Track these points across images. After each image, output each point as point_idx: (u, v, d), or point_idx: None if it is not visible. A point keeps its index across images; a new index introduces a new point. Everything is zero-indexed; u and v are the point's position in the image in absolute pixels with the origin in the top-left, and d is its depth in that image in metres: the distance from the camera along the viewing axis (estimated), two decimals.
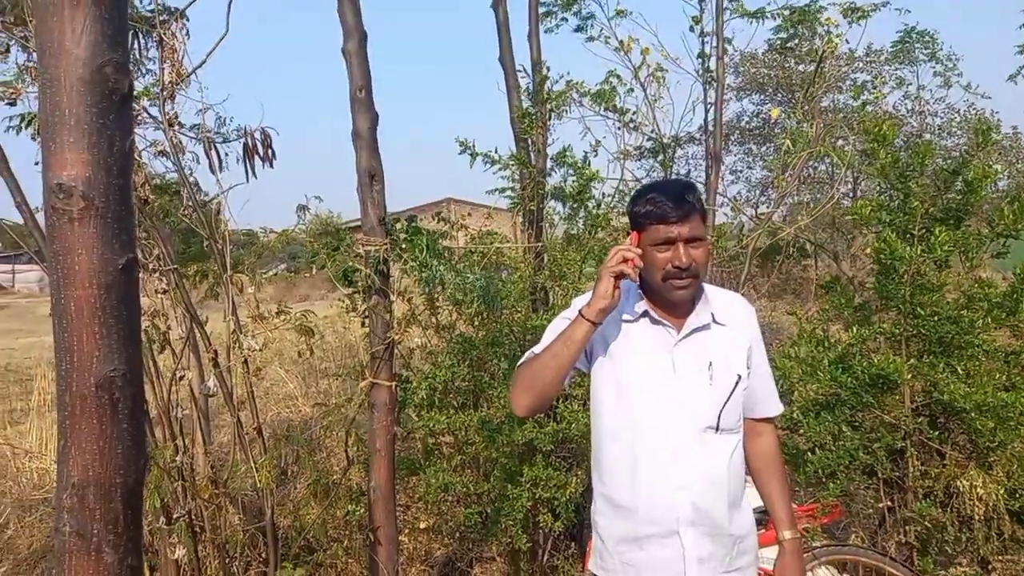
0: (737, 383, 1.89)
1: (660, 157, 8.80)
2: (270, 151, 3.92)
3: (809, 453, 3.83)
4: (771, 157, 12.13)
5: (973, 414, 3.29)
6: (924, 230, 3.60)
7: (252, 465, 3.37)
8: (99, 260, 1.05)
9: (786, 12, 6.86)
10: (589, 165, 4.12)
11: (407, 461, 3.99)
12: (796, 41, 7.62)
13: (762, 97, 12.70)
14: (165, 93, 3.47)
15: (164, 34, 3.54)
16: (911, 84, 12.97)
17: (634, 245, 1.81)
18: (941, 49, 12.61)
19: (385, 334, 3.32)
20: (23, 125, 3.25)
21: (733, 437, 1.91)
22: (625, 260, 1.76)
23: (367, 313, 3.50)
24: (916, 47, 13.20)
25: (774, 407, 2.06)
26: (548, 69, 4.43)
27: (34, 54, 3.82)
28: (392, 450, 3.43)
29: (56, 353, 1.07)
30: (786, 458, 3.95)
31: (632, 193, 2.01)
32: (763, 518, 3.79)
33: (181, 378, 3.30)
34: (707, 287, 1.95)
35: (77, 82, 1.02)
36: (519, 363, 1.98)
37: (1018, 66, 11.37)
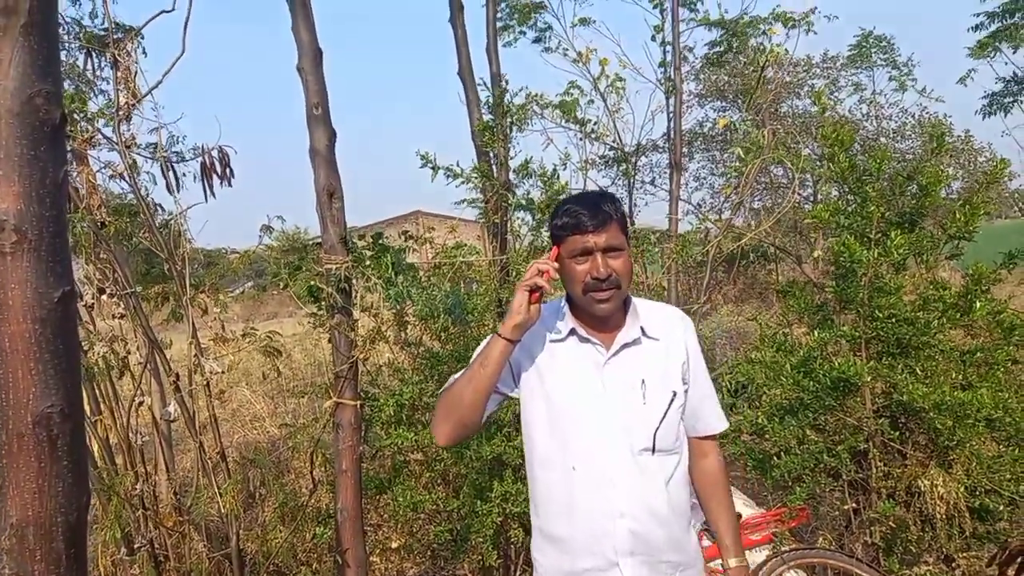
0: (672, 400, 1.81)
1: (623, 166, 8.89)
2: (228, 169, 3.87)
3: (775, 458, 3.87)
4: (730, 164, 12.34)
5: (932, 414, 3.35)
6: (880, 234, 3.67)
7: (216, 491, 3.31)
8: (33, 294, 1.02)
9: (722, 25, 7.01)
10: (558, 177, 4.14)
11: (375, 480, 3.95)
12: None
13: (723, 104, 12.89)
14: (120, 114, 3.42)
15: (119, 54, 3.50)
16: (867, 89, 13.28)
17: (553, 259, 1.76)
18: (899, 54, 12.92)
19: (349, 353, 3.29)
20: None
21: (672, 458, 1.83)
22: (540, 273, 1.70)
23: (331, 332, 3.47)
24: (873, 52, 13.49)
25: (717, 423, 1.97)
26: (507, 83, 4.45)
27: None
28: (358, 470, 3.39)
29: None
30: (753, 463, 4.00)
31: (553, 209, 1.93)
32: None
33: (140, 404, 3.24)
34: (638, 301, 1.90)
35: (6, 114, 0.99)
36: (442, 389, 1.89)
37: (968, 68, 11.69)
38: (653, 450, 1.78)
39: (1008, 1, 10.98)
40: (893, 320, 3.58)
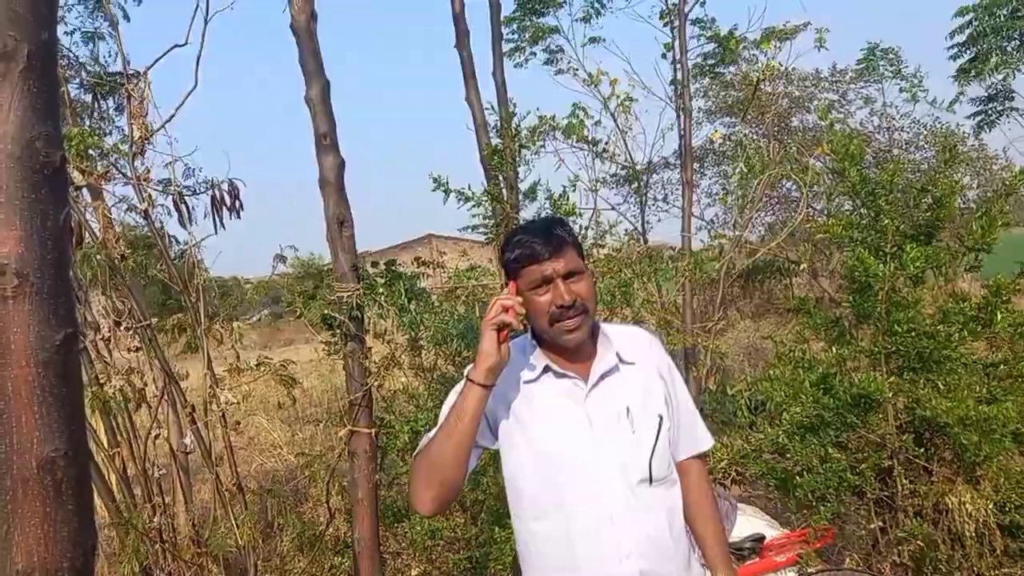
0: (660, 425, 1.72)
1: (634, 184, 8.89)
2: (237, 202, 3.91)
3: (798, 477, 3.80)
4: (734, 176, 12.31)
5: (956, 429, 3.28)
6: (896, 247, 3.62)
7: (234, 522, 3.30)
8: (35, 338, 1.01)
9: (756, 36, 7.01)
10: (568, 199, 4.13)
11: (392, 508, 3.92)
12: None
13: (732, 120, 12.89)
14: (134, 149, 3.46)
15: (132, 90, 3.55)
16: (877, 101, 13.21)
17: (513, 294, 1.65)
18: (906, 66, 12.86)
19: (363, 380, 3.28)
20: None
21: (670, 486, 1.75)
22: (505, 309, 1.59)
23: (344, 359, 3.47)
24: (881, 64, 13.45)
25: (704, 441, 1.88)
26: (515, 106, 4.46)
27: None
28: (375, 499, 3.37)
29: None
30: (776, 482, 3.94)
31: (503, 243, 1.82)
32: (756, 546, 3.76)
33: (156, 436, 3.24)
34: (605, 326, 1.81)
35: (6, 158, 1.00)
36: (415, 452, 1.74)
37: (956, 93, 11.63)
38: (650, 480, 1.68)
39: (972, 29, 11.03)
40: (913, 334, 3.52)
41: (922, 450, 3.56)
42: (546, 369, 1.73)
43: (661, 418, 1.73)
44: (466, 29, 4.56)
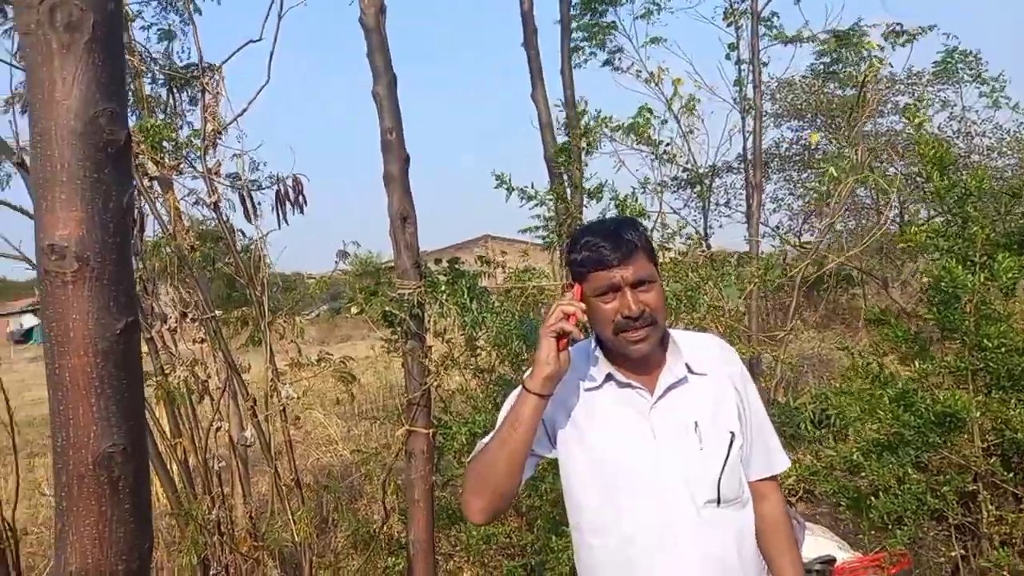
0: (732, 442, 1.61)
1: (696, 188, 8.68)
2: (301, 197, 3.92)
3: (872, 497, 3.60)
4: (812, 183, 11.92)
5: None
6: (985, 256, 3.40)
7: (291, 517, 3.28)
8: (95, 325, 0.96)
9: (824, 35, 6.76)
10: (636, 199, 4.01)
11: (448, 510, 3.87)
12: (840, 65, 7.48)
13: (800, 123, 12.52)
14: (206, 143, 3.49)
15: (207, 84, 3.57)
16: (955, 105, 12.66)
17: (577, 299, 1.57)
18: (986, 69, 12.28)
19: (422, 379, 3.23)
20: None
21: (740, 508, 1.63)
22: (566, 316, 1.51)
23: (403, 357, 3.42)
24: (959, 67, 12.89)
25: (779, 463, 1.75)
26: (586, 103, 4.36)
27: None
28: (431, 501, 3.31)
29: (52, 429, 0.98)
30: (848, 502, 3.74)
31: (569, 242, 1.74)
32: (826, 569, 3.57)
33: (219, 428, 3.25)
34: (675, 333, 1.70)
35: (69, 135, 0.95)
36: (469, 459, 1.70)
37: None
38: (719, 501, 1.57)
39: None
40: (1004, 350, 3.29)
41: (1011, 475, 3.33)
42: (608, 377, 1.64)
43: (733, 435, 1.62)
44: (534, 27, 4.50)
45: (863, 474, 3.68)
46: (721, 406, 1.64)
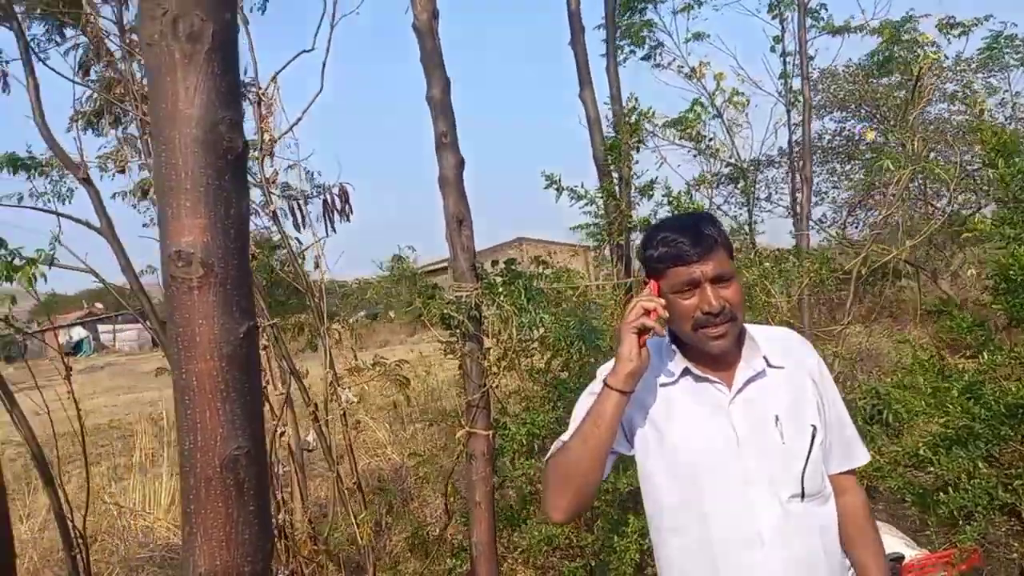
0: (814, 436, 1.58)
1: (740, 184, 8.56)
2: (347, 206, 3.97)
3: (941, 493, 3.52)
4: (859, 174, 11.69)
5: None
6: None
7: (353, 521, 3.31)
8: (220, 330, 0.98)
9: (875, 24, 6.63)
10: (691, 197, 3.97)
11: (505, 512, 3.86)
12: (893, 63, 7.34)
13: (844, 114, 12.29)
14: (264, 152, 3.54)
15: (262, 94, 3.63)
16: (1005, 91, 12.31)
17: (653, 294, 1.56)
18: None
19: (481, 380, 3.23)
20: (136, 193, 3.37)
21: (823, 502, 1.60)
22: (647, 312, 1.51)
23: (461, 359, 3.43)
24: (1006, 52, 12.54)
25: (860, 456, 1.72)
26: (637, 100, 4.33)
27: (136, 123, 4.00)
28: (492, 502, 3.31)
29: (179, 433, 1.00)
30: (913, 498, 3.66)
31: (643, 237, 1.71)
32: (895, 567, 3.49)
33: (282, 434, 3.29)
34: (751, 327, 1.67)
35: (192, 143, 0.97)
36: (547, 457, 1.68)
37: None
38: (802, 496, 1.54)
39: None
40: None
41: None
42: (685, 372, 1.63)
43: (814, 428, 1.59)
44: (581, 26, 4.47)
45: (929, 469, 3.59)
46: (800, 399, 1.62)
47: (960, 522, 3.44)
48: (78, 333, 34.58)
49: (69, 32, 5.06)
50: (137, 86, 3.95)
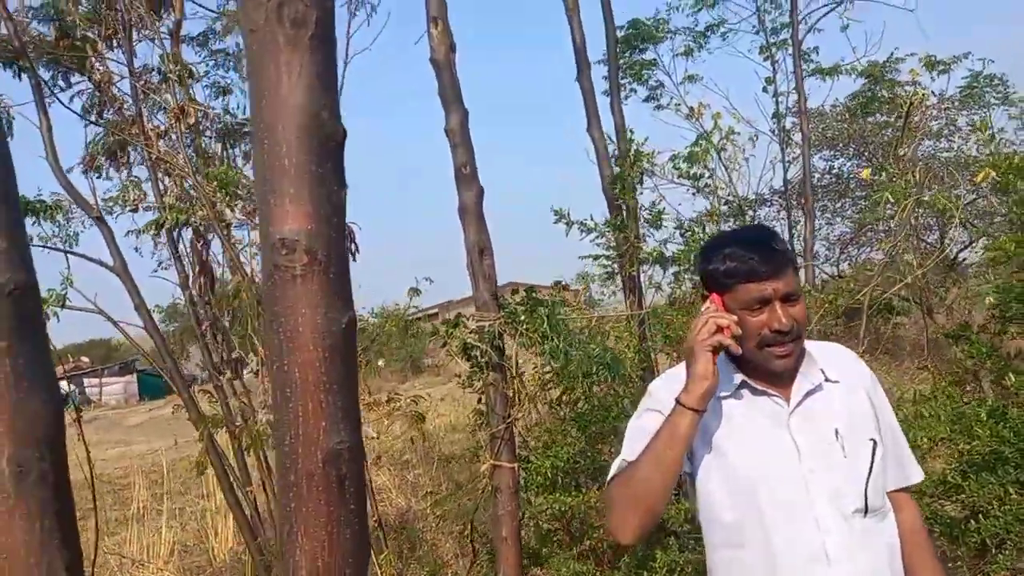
0: (875, 450, 1.55)
1: (738, 221, 8.62)
2: (353, 244, 3.97)
3: (971, 521, 3.46)
4: (852, 211, 11.85)
5: None
6: None
7: (375, 561, 3.22)
8: (323, 319, 0.95)
9: (861, 66, 6.81)
10: (704, 229, 4.01)
11: (527, 549, 3.77)
12: (876, 104, 7.53)
13: (833, 152, 12.53)
14: None
15: None
16: (990, 129, 12.58)
17: (720, 310, 1.52)
18: (1014, 91, 12.23)
19: (505, 412, 3.19)
20: (149, 229, 3.36)
21: (883, 518, 1.56)
22: (719, 329, 1.47)
23: (483, 391, 3.39)
24: (986, 91, 12.87)
25: (916, 473, 1.68)
26: (633, 132, 4.41)
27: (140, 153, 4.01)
28: (519, 538, 3.24)
29: (277, 428, 0.96)
30: (941, 528, 3.60)
31: (701, 247, 1.70)
32: None
33: None
34: (806, 343, 1.62)
35: (296, 129, 0.96)
36: (609, 476, 1.64)
37: None
38: (866, 511, 1.50)
39: None
40: None
41: None
42: (743, 385, 1.59)
43: (875, 442, 1.55)
44: (588, 62, 4.56)
45: (956, 497, 3.55)
46: (858, 413, 1.58)
47: (992, 551, 3.38)
48: (63, 387, 34.09)
49: (74, 78, 5.11)
50: (151, 126, 3.97)
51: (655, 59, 6.66)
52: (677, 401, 1.51)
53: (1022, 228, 3.65)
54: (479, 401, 3.53)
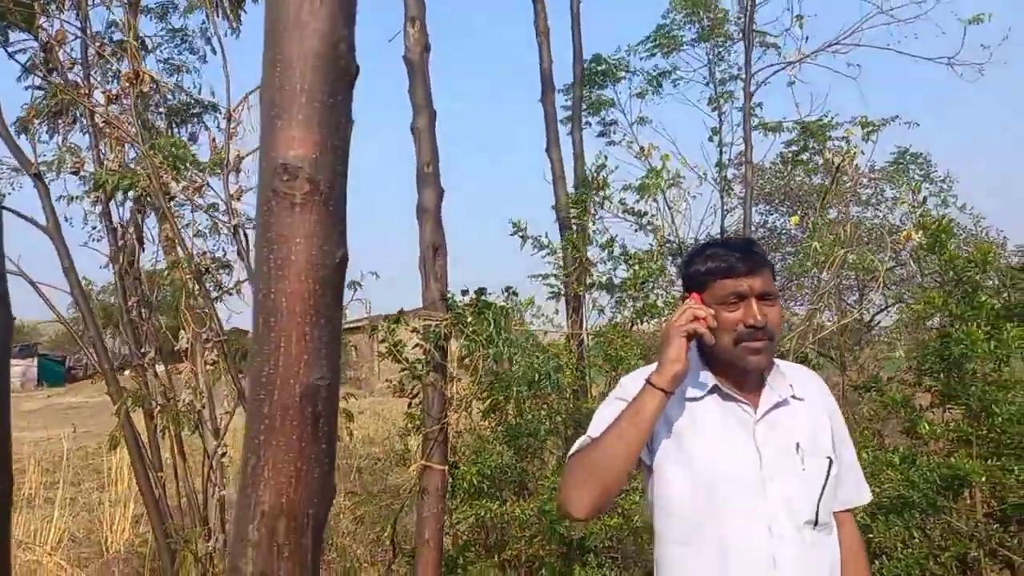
0: (830, 467, 1.60)
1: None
2: None
3: (875, 562, 3.60)
4: (785, 265, 12.29)
5: None
6: (990, 327, 3.54)
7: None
8: (318, 251, 0.92)
9: (799, 127, 7.15)
10: (655, 260, 4.11)
11: (445, 555, 3.72)
12: (807, 155, 7.89)
13: (768, 207, 13.00)
14: (229, 169, 3.47)
15: (233, 113, 3.58)
16: (908, 203, 13.28)
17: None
18: (935, 170, 13.01)
19: (442, 413, 3.16)
20: (97, 191, 3.22)
21: (829, 533, 1.60)
22: (696, 318, 1.53)
23: (417, 393, 3.35)
24: (911, 168, 13.62)
25: (865, 493, 1.76)
26: (607, 158, 4.50)
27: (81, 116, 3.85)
28: (441, 541, 3.19)
29: (255, 357, 0.92)
30: None
31: (687, 255, 1.76)
32: None
33: (224, 454, 3.10)
34: (777, 360, 1.71)
35: (313, 56, 0.94)
36: (570, 453, 1.66)
37: None
38: (815, 523, 1.55)
39: None
40: (1012, 419, 3.39)
41: (1015, 541, 3.38)
42: (714, 389, 1.63)
43: (830, 461, 1.61)
44: (553, 85, 4.64)
45: (863, 537, 3.68)
46: (819, 432, 1.65)
47: None
48: None
49: (15, 35, 4.88)
50: (102, 90, 3.84)
51: (613, 98, 6.83)
52: (648, 381, 1.55)
53: (947, 285, 3.85)
54: (410, 405, 3.50)
